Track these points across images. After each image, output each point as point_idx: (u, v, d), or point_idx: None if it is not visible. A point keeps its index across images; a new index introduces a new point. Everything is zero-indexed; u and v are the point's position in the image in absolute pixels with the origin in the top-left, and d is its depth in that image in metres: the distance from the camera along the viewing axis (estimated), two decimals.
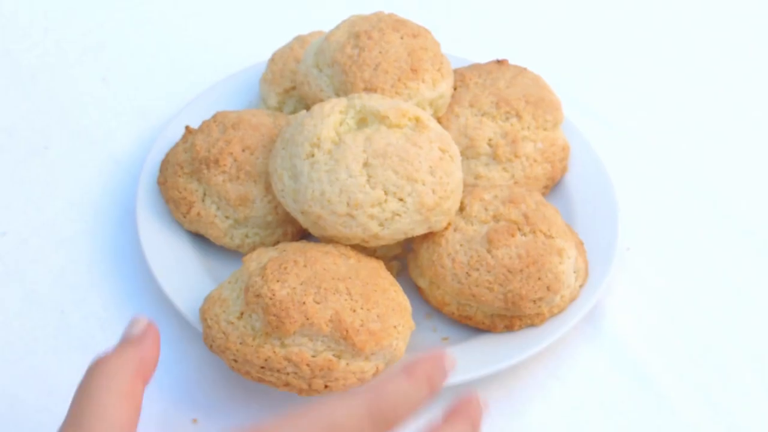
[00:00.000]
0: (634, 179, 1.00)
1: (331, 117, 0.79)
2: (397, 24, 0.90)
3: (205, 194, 0.86)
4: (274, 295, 0.71)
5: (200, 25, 1.21)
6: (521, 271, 0.79)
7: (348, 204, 0.76)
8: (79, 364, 0.81)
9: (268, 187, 0.85)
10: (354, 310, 0.71)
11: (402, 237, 0.79)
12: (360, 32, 0.88)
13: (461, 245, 0.80)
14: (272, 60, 1.00)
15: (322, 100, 0.88)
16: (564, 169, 0.94)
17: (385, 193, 0.76)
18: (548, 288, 0.79)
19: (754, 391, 0.82)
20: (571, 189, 0.94)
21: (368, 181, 0.76)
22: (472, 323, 0.82)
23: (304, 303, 0.70)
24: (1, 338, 0.84)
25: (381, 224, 0.77)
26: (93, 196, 0.97)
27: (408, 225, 0.78)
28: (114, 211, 0.95)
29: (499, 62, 0.97)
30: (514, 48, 1.14)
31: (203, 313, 0.75)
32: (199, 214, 0.86)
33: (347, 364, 0.71)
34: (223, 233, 0.86)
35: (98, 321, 0.85)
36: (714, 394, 0.82)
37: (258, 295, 0.72)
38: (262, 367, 0.71)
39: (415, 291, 0.86)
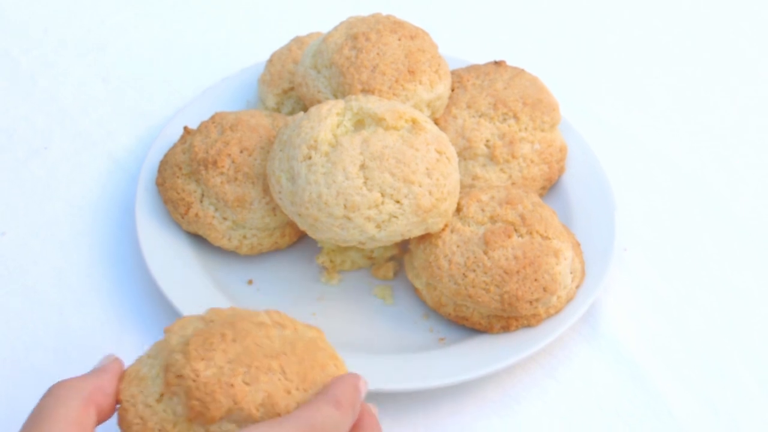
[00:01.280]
0: (631, 180, 1.01)
1: (328, 119, 0.79)
2: (395, 25, 0.90)
3: (203, 195, 0.87)
4: (198, 376, 0.61)
5: (199, 27, 1.22)
6: (518, 272, 0.79)
7: (345, 206, 0.76)
8: (78, 364, 0.82)
9: (266, 189, 0.85)
10: (289, 392, 0.62)
11: (399, 239, 0.79)
12: (358, 34, 0.89)
13: (458, 246, 0.81)
14: (270, 61, 1.00)
15: (319, 101, 0.88)
16: (561, 170, 0.95)
17: (382, 195, 0.77)
18: (545, 289, 0.79)
19: (751, 391, 0.83)
20: (568, 190, 0.94)
21: (365, 183, 0.76)
22: (469, 324, 0.82)
23: (232, 385, 0.61)
24: (0, 338, 0.84)
25: (378, 226, 0.77)
26: (92, 196, 0.98)
27: (405, 227, 0.78)
28: (113, 212, 0.96)
29: (497, 63, 0.97)
30: (512, 49, 1.14)
31: (119, 393, 0.65)
32: (197, 215, 0.86)
33: None
34: (221, 234, 0.86)
35: (97, 321, 0.86)
36: (711, 394, 0.82)
37: (179, 376, 0.62)
38: None
39: (412, 291, 0.86)
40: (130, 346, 0.83)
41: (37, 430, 0.58)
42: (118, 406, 0.64)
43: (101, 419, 0.62)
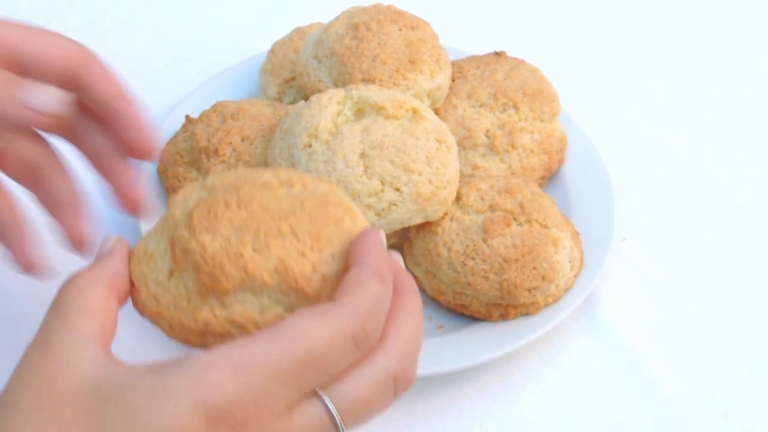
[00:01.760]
0: (630, 171, 1.01)
1: (328, 108, 0.80)
2: (396, 16, 0.91)
3: None
4: (204, 249, 0.58)
5: (201, 17, 1.22)
6: (516, 260, 0.79)
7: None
8: None
9: None
10: (303, 254, 0.58)
11: (399, 227, 0.79)
12: (359, 23, 0.89)
13: (457, 234, 0.81)
14: (272, 51, 1.00)
15: (320, 91, 0.88)
16: (561, 161, 0.95)
17: (382, 184, 0.77)
18: (543, 277, 0.80)
19: (748, 380, 0.83)
20: (567, 180, 0.95)
21: (365, 171, 0.77)
22: (468, 312, 0.82)
23: (241, 255, 0.57)
24: (2, 325, 0.85)
25: (378, 214, 0.78)
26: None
27: (404, 215, 0.78)
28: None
29: (498, 54, 0.97)
30: (513, 40, 1.15)
31: (130, 273, 0.62)
32: None
33: None
34: None
35: None
36: (709, 383, 0.82)
37: (186, 251, 0.58)
38: (202, 333, 0.60)
39: None
40: (131, 331, 0.84)
41: (63, 323, 0.55)
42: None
43: (120, 304, 0.60)
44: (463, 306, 0.82)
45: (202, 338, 0.59)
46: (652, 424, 0.79)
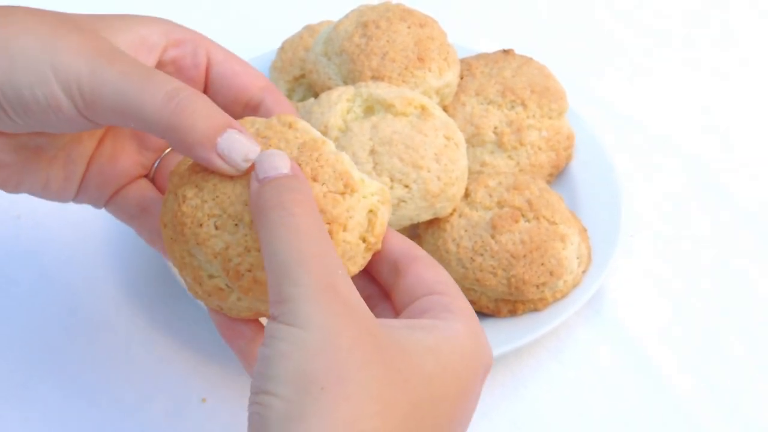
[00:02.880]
0: (637, 168, 1.02)
1: (338, 105, 0.80)
2: (405, 14, 0.91)
3: None
4: (183, 201, 0.59)
5: (211, 14, 1.23)
6: (524, 256, 0.80)
7: None
8: (89, 341, 0.84)
9: None
10: (248, 250, 0.57)
11: (408, 223, 0.80)
12: (368, 21, 0.90)
13: (466, 231, 0.82)
14: (282, 48, 1.01)
15: (330, 88, 0.89)
16: (569, 158, 0.95)
17: (391, 180, 0.78)
18: (551, 273, 0.80)
19: (754, 376, 0.84)
20: (575, 177, 0.95)
21: (374, 168, 0.77)
22: (477, 308, 0.83)
23: (200, 225, 0.58)
24: (16, 316, 0.86)
25: None
26: None
27: (413, 211, 0.79)
28: None
29: (506, 52, 0.98)
30: (521, 38, 1.15)
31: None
32: None
33: (238, 299, 0.60)
34: None
35: (109, 300, 0.87)
36: (714, 378, 0.83)
37: (175, 193, 0.60)
38: (175, 264, 0.62)
39: None
40: (141, 323, 0.85)
41: None
42: None
43: None
44: (472, 302, 0.83)
45: (176, 266, 0.61)
46: (658, 419, 0.80)
